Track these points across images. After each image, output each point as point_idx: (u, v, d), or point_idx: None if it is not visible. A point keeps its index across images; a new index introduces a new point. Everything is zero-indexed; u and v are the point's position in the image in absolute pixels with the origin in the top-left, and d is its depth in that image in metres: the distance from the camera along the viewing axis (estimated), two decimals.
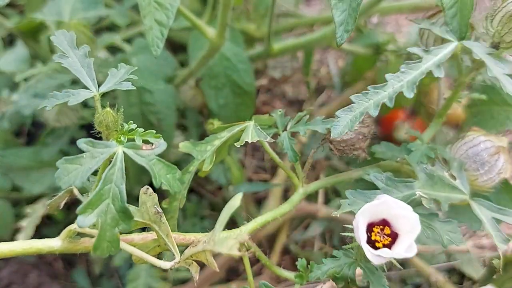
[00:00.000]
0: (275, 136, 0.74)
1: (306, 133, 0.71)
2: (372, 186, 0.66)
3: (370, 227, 0.61)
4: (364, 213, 0.59)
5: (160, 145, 0.60)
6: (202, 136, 1.25)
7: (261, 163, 1.38)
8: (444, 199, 0.64)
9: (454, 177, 0.67)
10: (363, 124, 0.70)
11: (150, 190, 0.62)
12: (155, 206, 0.62)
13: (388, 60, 1.24)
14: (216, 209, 1.27)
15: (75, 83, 1.16)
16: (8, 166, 1.12)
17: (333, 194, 1.26)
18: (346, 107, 0.64)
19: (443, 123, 1.32)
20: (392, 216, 0.60)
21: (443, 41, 0.71)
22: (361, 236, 0.58)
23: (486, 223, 0.64)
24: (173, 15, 0.77)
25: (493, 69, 0.63)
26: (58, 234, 0.68)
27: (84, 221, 0.55)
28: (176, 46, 1.31)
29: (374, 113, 0.63)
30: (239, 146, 0.72)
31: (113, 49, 1.24)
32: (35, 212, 1.10)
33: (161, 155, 0.79)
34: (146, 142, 0.61)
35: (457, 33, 0.71)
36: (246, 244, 0.66)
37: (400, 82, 0.64)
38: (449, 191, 0.65)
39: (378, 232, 0.61)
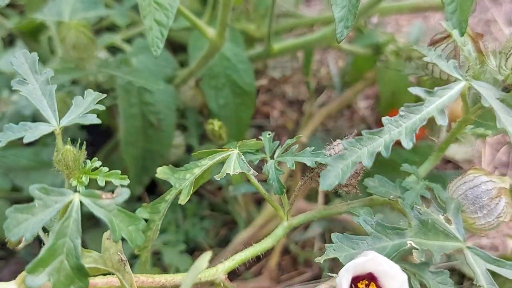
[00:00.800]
0: (263, 162, 0.70)
1: (294, 164, 0.66)
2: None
3: (355, 281, 0.58)
4: (349, 271, 0.56)
5: (122, 193, 0.54)
6: (202, 136, 1.25)
7: (261, 163, 1.38)
8: (438, 248, 0.60)
9: (450, 221, 0.62)
10: None
11: None
12: (118, 253, 0.57)
13: (388, 60, 1.24)
14: (216, 209, 1.27)
15: (75, 83, 1.16)
16: (8, 166, 1.12)
17: (333, 194, 1.26)
18: (337, 155, 0.57)
19: None
20: (380, 272, 0.57)
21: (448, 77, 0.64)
22: None
23: (480, 275, 0.60)
24: (173, 15, 0.77)
25: (503, 118, 0.57)
26: None
27: (34, 281, 0.50)
28: (176, 46, 1.31)
29: (368, 163, 0.56)
30: (219, 179, 0.68)
31: (113, 49, 1.24)
32: None
33: (160, 154, 0.79)
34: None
35: (456, 28, 0.69)
36: (222, 284, 0.65)
37: (399, 127, 0.57)
38: (443, 239, 0.61)
39: None
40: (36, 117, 1.14)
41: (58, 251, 0.52)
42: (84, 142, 0.59)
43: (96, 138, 1.26)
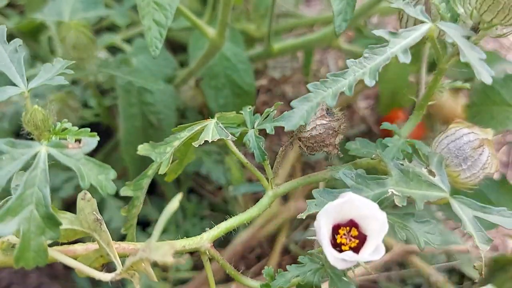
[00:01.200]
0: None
1: (273, 129, 0.66)
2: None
3: (336, 229, 0.57)
4: (327, 214, 0.55)
5: (89, 143, 0.54)
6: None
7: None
8: (420, 197, 0.59)
9: (433, 174, 0.61)
10: (333, 118, 0.65)
11: (89, 195, 0.57)
12: (94, 213, 0.57)
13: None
14: (216, 209, 1.27)
15: (75, 83, 1.16)
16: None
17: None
18: (302, 97, 0.58)
19: (442, 123, 1.33)
20: (360, 217, 0.56)
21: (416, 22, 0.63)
22: (323, 239, 0.54)
23: (467, 222, 0.59)
24: (172, 15, 0.77)
25: (468, 53, 0.56)
26: None
27: (4, 229, 0.50)
28: (176, 46, 1.31)
29: (332, 102, 0.57)
30: (197, 146, 0.67)
31: (113, 49, 1.24)
32: None
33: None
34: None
35: None
36: (208, 252, 0.64)
37: (363, 68, 0.57)
38: (426, 189, 0.60)
39: (344, 234, 0.56)
40: None
41: (27, 201, 0.52)
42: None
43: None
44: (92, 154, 1.29)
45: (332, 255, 0.54)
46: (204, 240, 0.65)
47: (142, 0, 0.75)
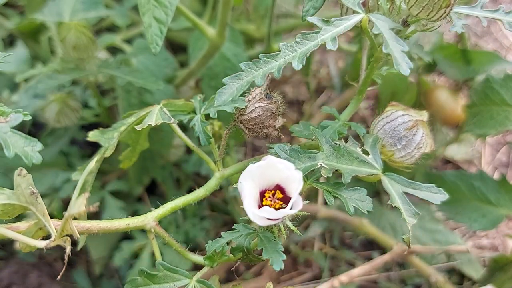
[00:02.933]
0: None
1: (216, 114, 0.70)
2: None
3: (263, 194, 0.60)
4: (251, 176, 0.58)
5: (15, 118, 0.59)
6: None
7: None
8: (349, 171, 0.62)
9: (367, 153, 0.65)
10: (271, 100, 0.68)
11: (24, 171, 0.61)
12: (30, 187, 0.60)
13: (387, 60, 1.24)
14: (216, 209, 1.27)
15: (75, 83, 1.17)
16: (8, 166, 1.12)
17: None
18: (234, 75, 0.61)
19: (442, 124, 1.33)
20: (284, 180, 0.60)
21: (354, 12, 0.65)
22: (244, 199, 0.57)
23: (396, 197, 0.61)
24: (172, 12, 0.77)
25: (391, 44, 0.58)
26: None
27: None
28: (176, 47, 1.31)
29: (260, 82, 0.60)
30: (139, 130, 0.69)
31: (113, 50, 1.24)
32: None
33: (160, 155, 0.79)
34: None
35: None
36: (153, 230, 0.66)
37: (293, 52, 0.60)
38: (357, 165, 0.63)
39: (270, 197, 0.60)
40: (36, 117, 1.14)
41: None
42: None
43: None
44: (92, 154, 1.29)
45: (252, 212, 0.57)
46: (149, 218, 0.67)
47: None
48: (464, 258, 1.20)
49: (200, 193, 0.70)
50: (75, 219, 0.62)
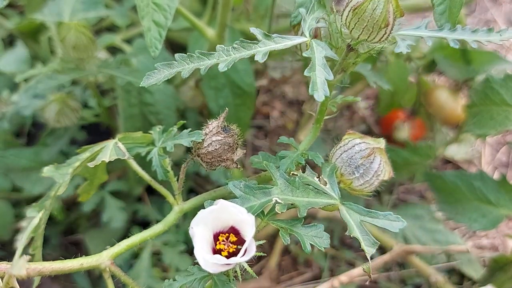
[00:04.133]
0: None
1: (173, 147, 0.69)
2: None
3: (217, 237, 0.59)
4: (203, 220, 0.57)
5: None
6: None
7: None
8: (305, 204, 0.62)
9: (325, 182, 0.64)
10: (228, 133, 0.68)
11: None
12: None
13: (387, 60, 1.24)
14: None
15: (75, 83, 1.17)
16: (8, 167, 1.12)
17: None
18: (166, 62, 0.63)
19: (442, 124, 1.33)
20: (238, 222, 0.58)
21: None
22: (196, 245, 0.56)
23: (354, 226, 0.61)
24: (171, 16, 0.77)
25: (317, 69, 0.59)
26: (58, 234, 0.68)
27: None
28: (175, 47, 1.31)
29: (186, 75, 0.61)
30: (92, 166, 0.69)
31: (113, 50, 1.24)
32: None
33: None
34: None
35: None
36: (108, 269, 0.65)
37: (228, 56, 0.62)
38: (313, 196, 0.63)
39: (223, 241, 0.58)
40: (36, 117, 1.14)
41: None
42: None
43: (96, 138, 1.26)
44: None
45: (203, 259, 0.55)
46: (103, 257, 0.66)
47: (141, 0, 0.75)
48: (464, 258, 1.20)
49: (158, 228, 0.69)
50: None
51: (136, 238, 0.68)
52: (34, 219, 0.62)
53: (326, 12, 0.68)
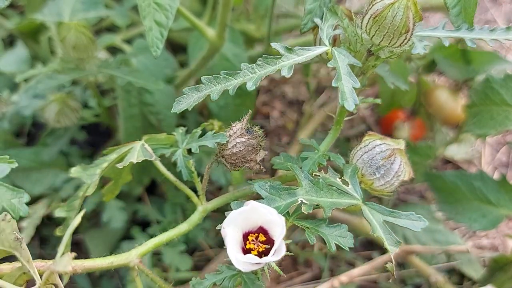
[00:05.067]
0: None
1: (198, 149, 0.70)
2: None
3: (246, 236, 0.60)
4: (233, 221, 0.59)
5: (2, 170, 0.59)
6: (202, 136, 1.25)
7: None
8: (330, 204, 0.63)
9: (347, 183, 0.65)
10: (252, 135, 0.69)
11: (9, 216, 0.60)
12: (14, 232, 0.60)
13: (388, 60, 1.24)
14: (217, 209, 1.27)
15: (75, 83, 1.17)
16: None
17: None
18: (194, 86, 0.64)
19: (442, 124, 1.33)
20: (267, 223, 0.60)
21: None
22: (228, 245, 0.58)
23: (377, 226, 0.62)
24: (172, 15, 0.77)
25: (343, 79, 0.61)
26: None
27: None
28: (176, 47, 1.31)
29: (215, 97, 0.63)
30: (121, 167, 0.70)
31: (113, 50, 1.24)
32: (35, 212, 1.10)
33: (160, 155, 0.79)
34: None
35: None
36: (137, 267, 0.66)
37: (253, 74, 0.64)
38: (337, 197, 0.64)
39: (253, 240, 0.60)
40: (36, 117, 1.14)
41: None
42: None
43: (96, 138, 1.26)
44: (92, 154, 1.29)
45: (235, 258, 0.57)
46: (132, 255, 0.68)
47: (142, 0, 0.76)
48: (464, 258, 1.20)
49: (183, 228, 0.71)
50: None
51: (163, 237, 0.70)
52: (75, 219, 0.63)
53: (339, 18, 0.69)
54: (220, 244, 1.22)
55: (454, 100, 1.28)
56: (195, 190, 0.74)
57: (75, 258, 0.64)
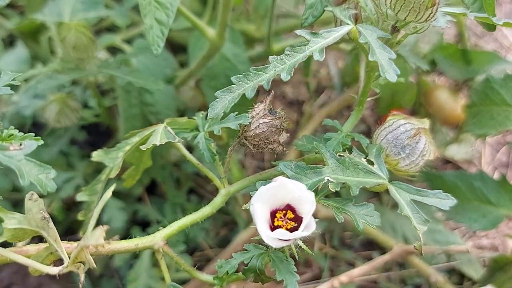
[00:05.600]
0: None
1: (220, 131, 0.70)
2: None
3: (274, 214, 0.60)
4: (261, 198, 0.58)
5: (29, 145, 0.58)
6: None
7: (261, 163, 1.38)
8: (356, 183, 0.63)
9: (372, 163, 0.65)
10: (275, 116, 0.69)
11: (36, 195, 0.60)
12: (41, 211, 0.60)
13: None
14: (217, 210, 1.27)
15: (75, 83, 1.17)
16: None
17: (333, 194, 1.26)
18: (225, 88, 0.64)
19: (442, 124, 1.33)
20: (295, 200, 0.60)
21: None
22: (257, 222, 0.57)
23: (405, 205, 0.62)
24: (173, 14, 0.77)
25: (377, 52, 0.60)
26: (58, 234, 0.68)
27: None
28: (176, 47, 1.31)
29: (250, 94, 0.62)
30: (144, 149, 0.70)
31: (113, 50, 1.24)
32: None
33: (160, 155, 0.79)
34: None
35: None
36: (161, 249, 0.66)
37: (283, 65, 0.62)
38: (363, 176, 0.64)
39: (281, 217, 0.60)
40: (36, 117, 1.14)
41: None
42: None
43: (96, 138, 1.26)
44: (92, 153, 1.28)
45: (265, 234, 0.57)
46: (157, 238, 0.67)
47: None
48: (464, 258, 1.20)
49: (206, 211, 0.71)
50: None
51: (187, 219, 0.70)
52: (106, 193, 0.63)
53: None
54: (220, 244, 1.22)
55: (454, 100, 1.28)
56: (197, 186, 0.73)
57: None
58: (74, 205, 1.20)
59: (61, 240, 0.63)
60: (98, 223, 1.14)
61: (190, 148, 1.24)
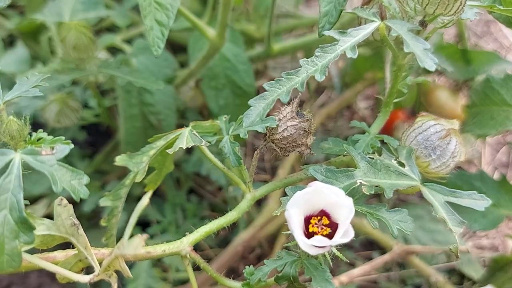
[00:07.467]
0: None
1: (247, 134, 0.68)
2: None
3: (308, 220, 0.59)
4: (296, 204, 0.57)
5: (62, 150, 0.57)
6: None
7: (261, 163, 1.38)
8: (389, 185, 0.61)
9: (403, 165, 0.64)
10: (303, 118, 0.68)
11: (65, 201, 0.59)
12: (71, 217, 0.59)
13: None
14: (216, 209, 1.27)
15: (75, 83, 1.17)
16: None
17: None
18: (259, 95, 0.63)
19: None
20: (330, 205, 0.58)
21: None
22: (294, 228, 0.56)
23: (439, 207, 0.61)
24: (173, 15, 0.77)
25: (412, 44, 0.60)
26: None
27: None
28: (176, 47, 1.31)
29: (285, 99, 0.62)
30: (171, 153, 0.69)
31: (113, 50, 1.24)
32: (35, 213, 1.10)
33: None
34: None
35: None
36: (188, 255, 0.65)
37: (314, 66, 0.62)
38: (395, 178, 0.63)
39: (316, 224, 0.58)
40: (36, 117, 1.14)
41: (1, 206, 0.54)
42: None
43: (96, 139, 1.26)
44: (92, 154, 1.29)
45: (302, 241, 0.56)
46: (184, 244, 0.66)
47: (143, 0, 0.76)
48: (464, 258, 1.20)
49: (232, 216, 0.70)
50: None
51: (213, 224, 0.68)
52: (144, 198, 0.63)
53: None
54: (220, 244, 1.22)
55: (454, 100, 1.28)
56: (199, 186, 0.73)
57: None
58: (74, 205, 1.20)
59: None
60: (98, 223, 1.14)
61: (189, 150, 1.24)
